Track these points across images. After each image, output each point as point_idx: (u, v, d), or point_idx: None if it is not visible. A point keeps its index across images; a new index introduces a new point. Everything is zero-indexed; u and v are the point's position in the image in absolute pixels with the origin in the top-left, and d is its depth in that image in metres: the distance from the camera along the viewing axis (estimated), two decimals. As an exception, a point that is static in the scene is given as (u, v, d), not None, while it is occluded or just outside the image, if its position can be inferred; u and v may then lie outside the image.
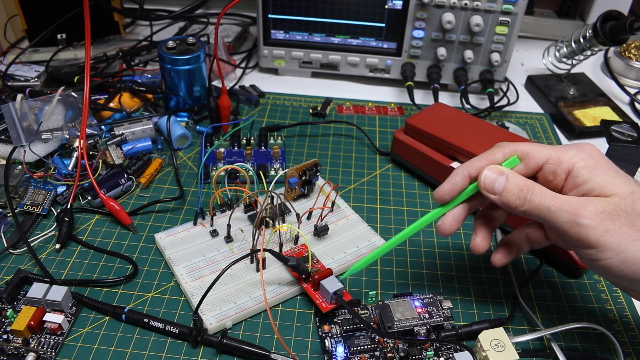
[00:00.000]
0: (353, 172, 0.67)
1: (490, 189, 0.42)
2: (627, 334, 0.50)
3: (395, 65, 0.82)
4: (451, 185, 0.44)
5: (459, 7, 0.75)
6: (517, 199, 0.41)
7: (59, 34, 0.83)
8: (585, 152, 0.41)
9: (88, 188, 0.60)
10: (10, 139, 0.63)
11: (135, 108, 0.74)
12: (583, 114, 0.78)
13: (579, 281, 0.55)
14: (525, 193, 0.41)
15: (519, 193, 0.41)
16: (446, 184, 0.45)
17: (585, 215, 0.38)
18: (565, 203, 0.39)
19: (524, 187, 0.41)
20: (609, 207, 0.38)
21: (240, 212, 0.59)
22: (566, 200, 0.39)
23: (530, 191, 0.40)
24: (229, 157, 0.67)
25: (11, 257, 0.55)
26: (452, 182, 0.44)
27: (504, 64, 0.79)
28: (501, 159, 0.44)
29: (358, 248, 0.56)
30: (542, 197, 0.40)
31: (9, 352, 0.45)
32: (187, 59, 0.69)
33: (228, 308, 0.49)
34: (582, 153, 0.41)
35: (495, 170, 0.42)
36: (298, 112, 0.78)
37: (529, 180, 0.41)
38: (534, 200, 0.40)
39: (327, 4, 0.77)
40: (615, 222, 0.38)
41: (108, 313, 0.49)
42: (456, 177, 0.44)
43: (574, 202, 0.39)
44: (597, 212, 0.38)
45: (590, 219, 0.38)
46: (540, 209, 0.40)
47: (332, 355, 0.46)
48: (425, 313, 0.49)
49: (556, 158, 0.41)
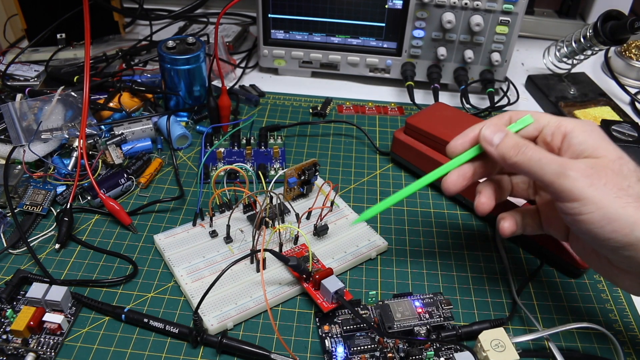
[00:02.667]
0: (353, 172, 0.67)
1: (489, 140, 0.44)
2: (628, 334, 0.50)
3: (395, 65, 0.82)
4: (464, 137, 0.46)
5: (459, 7, 0.75)
6: (512, 150, 0.43)
7: (59, 34, 0.83)
8: (583, 121, 0.43)
9: (88, 188, 0.60)
10: (9, 139, 0.63)
11: (135, 108, 0.74)
12: (583, 114, 0.78)
13: (579, 281, 0.55)
14: (520, 147, 0.42)
15: (514, 146, 0.43)
16: (459, 136, 0.47)
17: (572, 167, 0.40)
18: (555, 157, 0.41)
19: (520, 142, 0.43)
20: (596, 165, 0.40)
21: (240, 212, 0.59)
22: (556, 156, 0.41)
23: (525, 146, 0.42)
24: (229, 157, 0.67)
25: (11, 257, 0.55)
26: (466, 134, 0.46)
27: (504, 63, 0.79)
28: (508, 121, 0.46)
29: (358, 247, 0.56)
30: (535, 151, 0.42)
31: (9, 352, 0.45)
32: (187, 59, 0.69)
33: (229, 309, 0.49)
34: (580, 122, 0.43)
35: (495, 127, 0.44)
36: (298, 112, 0.78)
37: (527, 140, 0.43)
38: (527, 152, 0.42)
39: (327, 4, 0.77)
40: (601, 178, 0.39)
41: (108, 313, 0.49)
42: (470, 131, 0.46)
43: (563, 158, 0.41)
44: (584, 168, 0.40)
45: (577, 172, 0.40)
46: (532, 161, 0.42)
47: (332, 355, 0.46)
48: (426, 313, 0.49)
49: (556, 122, 0.44)
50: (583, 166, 0.40)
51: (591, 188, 0.39)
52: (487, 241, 0.59)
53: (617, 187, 0.39)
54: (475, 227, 0.60)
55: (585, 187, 0.39)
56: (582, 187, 0.39)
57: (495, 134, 0.44)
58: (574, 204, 0.40)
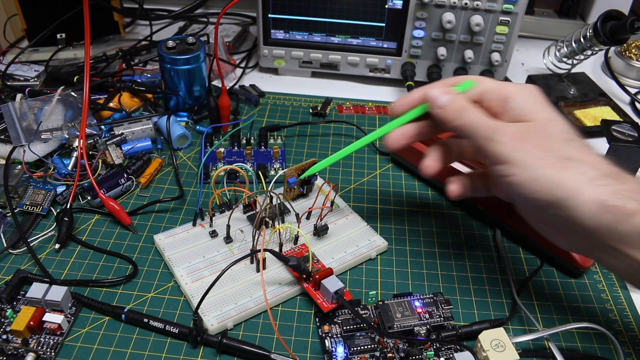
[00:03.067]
0: (353, 172, 0.67)
1: (434, 102, 0.46)
2: (628, 334, 0.50)
3: (395, 65, 0.82)
4: (406, 99, 0.49)
5: (459, 7, 0.75)
6: (454, 114, 0.45)
7: (59, 34, 0.83)
8: (523, 86, 0.45)
9: (88, 188, 0.60)
10: (9, 139, 0.63)
11: (135, 108, 0.74)
12: (583, 114, 0.78)
13: (579, 281, 0.55)
14: (461, 110, 0.45)
15: (456, 110, 0.45)
16: (402, 98, 0.49)
17: (501, 132, 0.42)
18: (488, 122, 0.43)
19: (463, 105, 0.45)
20: (526, 128, 0.42)
21: (240, 212, 0.59)
22: (491, 121, 0.43)
23: (466, 110, 0.44)
24: (229, 157, 0.67)
25: (11, 257, 0.54)
26: (408, 96, 0.49)
27: (504, 63, 0.79)
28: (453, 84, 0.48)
29: (358, 247, 0.56)
30: (473, 115, 0.44)
31: (9, 352, 0.45)
32: (187, 59, 0.69)
33: (229, 309, 0.49)
34: (521, 86, 0.45)
35: (443, 89, 0.46)
36: (298, 112, 0.78)
37: (470, 102, 0.45)
38: (465, 117, 0.44)
39: (327, 4, 0.77)
40: (528, 141, 0.41)
41: (108, 313, 0.49)
42: (413, 93, 0.49)
43: (497, 122, 0.43)
44: (513, 132, 0.42)
45: (505, 136, 0.42)
46: (467, 125, 0.44)
47: (332, 355, 0.46)
48: (426, 313, 0.49)
49: (497, 87, 0.46)
50: (512, 130, 0.42)
51: (517, 151, 0.41)
52: (487, 241, 0.59)
53: (542, 149, 0.41)
54: (475, 227, 0.60)
55: (512, 150, 0.41)
56: (509, 151, 0.41)
57: (440, 97, 0.46)
58: (502, 167, 0.42)
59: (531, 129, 0.42)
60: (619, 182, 0.40)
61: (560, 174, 0.40)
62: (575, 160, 0.41)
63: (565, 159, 0.41)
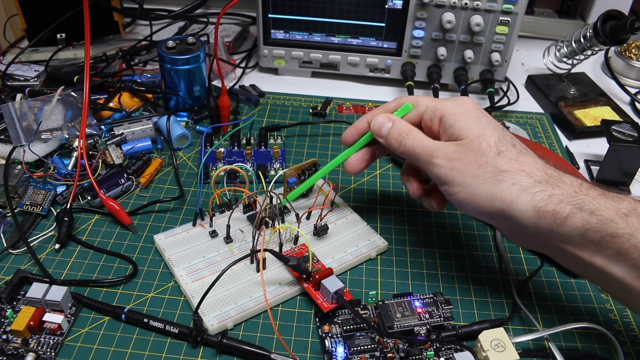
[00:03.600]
0: (353, 172, 0.67)
1: (378, 132, 0.49)
2: (628, 334, 0.50)
3: (395, 65, 0.82)
4: (354, 129, 0.53)
5: (459, 7, 0.75)
6: (396, 142, 0.47)
7: (59, 34, 0.83)
8: (458, 102, 0.47)
9: (88, 188, 0.60)
10: (9, 139, 0.63)
11: (135, 108, 0.74)
12: (583, 114, 0.78)
13: (579, 281, 0.55)
14: (402, 137, 0.47)
15: (398, 137, 0.47)
16: (351, 127, 0.53)
17: (438, 155, 0.44)
18: (427, 146, 0.45)
19: (404, 132, 0.47)
20: (458, 148, 0.44)
21: (240, 212, 0.59)
22: (428, 144, 0.45)
23: (407, 135, 0.47)
24: (229, 157, 0.67)
25: (11, 257, 0.54)
26: (355, 126, 0.52)
27: (504, 63, 0.79)
28: (394, 108, 0.50)
29: (358, 247, 0.56)
30: (414, 141, 0.46)
31: (9, 353, 0.45)
32: (187, 59, 0.69)
33: (229, 309, 0.49)
34: (455, 103, 0.46)
35: (385, 117, 0.49)
36: (298, 112, 0.78)
37: (410, 126, 0.48)
38: (406, 144, 0.47)
39: (327, 4, 0.77)
40: (462, 160, 0.43)
41: (108, 313, 0.49)
42: (359, 122, 0.52)
43: (434, 145, 0.45)
44: (448, 153, 0.44)
45: (441, 159, 0.44)
46: (410, 151, 0.46)
47: (332, 355, 0.46)
48: (426, 313, 0.49)
49: (433, 106, 0.47)
50: (448, 151, 0.44)
51: (453, 171, 0.43)
52: (487, 241, 0.59)
53: (476, 166, 0.43)
54: (475, 227, 0.60)
55: (449, 171, 0.44)
56: (446, 172, 0.44)
57: (383, 126, 0.49)
58: (445, 187, 0.45)
59: (464, 146, 0.44)
60: (553, 187, 0.41)
61: (496, 187, 0.42)
62: (507, 172, 0.42)
63: (498, 172, 0.42)
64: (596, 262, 0.40)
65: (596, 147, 0.74)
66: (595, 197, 0.41)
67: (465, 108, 0.46)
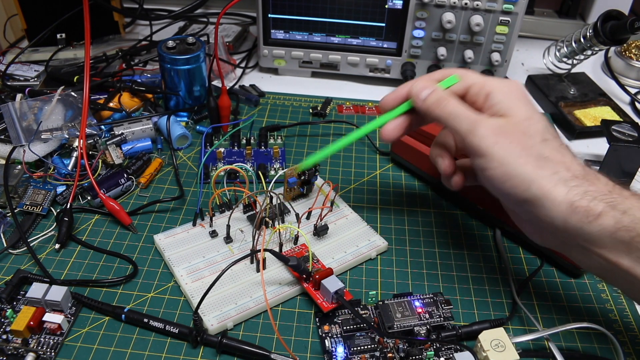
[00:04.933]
0: (353, 172, 0.67)
1: (416, 96, 0.48)
2: (628, 334, 0.50)
3: (395, 65, 0.82)
4: (394, 94, 0.50)
5: (459, 7, 0.75)
6: (433, 104, 0.46)
7: (59, 34, 0.83)
8: (507, 81, 0.46)
9: (88, 188, 0.60)
10: (9, 139, 0.63)
11: (135, 108, 0.74)
12: (583, 114, 0.78)
13: (579, 281, 0.55)
14: (441, 102, 0.46)
15: (437, 101, 0.46)
16: (391, 93, 0.51)
17: (482, 125, 0.43)
18: (470, 115, 0.44)
19: (442, 97, 0.46)
20: (505, 124, 0.43)
21: (240, 212, 0.59)
22: (471, 113, 0.44)
23: (447, 101, 0.46)
24: (229, 157, 0.67)
25: (11, 257, 0.54)
26: (396, 92, 0.50)
27: (504, 63, 0.79)
28: (439, 78, 0.49)
29: (358, 247, 0.56)
30: (455, 107, 0.45)
31: (9, 353, 0.45)
32: (187, 59, 0.69)
33: (229, 309, 0.49)
34: (504, 82, 0.46)
35: (428, 82, 0.48)
36: (298, 112, 0.78)
37: (452, 94, 0.47)
38: (447, 108, 0.45)
39: (327, 4, 0.77)
40: (507, 137, 0.42)
41: (108, 313, 0.49)
42: (400, 89, 0.50)
43: (477, 116, 0.44)
44: (493, 127, 0.43)
45: (484, 130, 0.43)
46: (450, 115, 0.45)
47: (332, 355, 0.46)
48: (426, 313, 0.49)
49: (482, 82, 0.46)
50: (492, 125, 0.43)
51: (496, 146, 0.42)
52: (487, 241, 0.59)
53: (520, 146, 0.42)
54: (475, 227, 0.60)
55: (491, 144, 0.42)
56: (488, 145, 0.42)
57: (423, 90, 0.47)
58: (481, 160, 0.43)
59: (511, 124, 0.43)
60: (589, 184, 0.41)
61: (536, 173, 0.41)
62: (550, 160, 0.41)
63: (541, 158, 0.41)
64: (623, 264, 0.40)
65: (596, 147, 0.74)
66: (628, 197, 0.40)
67: (514, 88, 0.45)
